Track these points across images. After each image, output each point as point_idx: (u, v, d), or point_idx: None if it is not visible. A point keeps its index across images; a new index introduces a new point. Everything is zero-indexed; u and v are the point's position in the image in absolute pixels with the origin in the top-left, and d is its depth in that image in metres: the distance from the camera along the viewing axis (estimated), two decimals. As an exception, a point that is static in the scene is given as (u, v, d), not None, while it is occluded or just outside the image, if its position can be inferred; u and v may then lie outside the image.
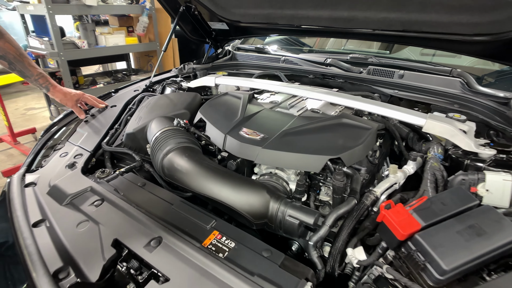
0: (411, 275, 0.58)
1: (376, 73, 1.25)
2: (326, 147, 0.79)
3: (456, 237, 0.55)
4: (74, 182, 0.84)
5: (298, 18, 1.23)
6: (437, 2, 0.88)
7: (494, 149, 0.78)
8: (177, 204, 0.75)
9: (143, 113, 1.09)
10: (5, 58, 0.98)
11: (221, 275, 0.55)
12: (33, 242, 0.64)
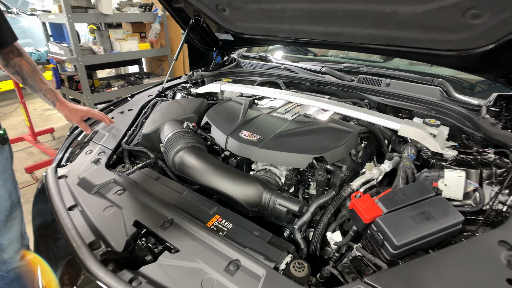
0: (374, 252, 0.71)
1: (365, 82, 1.38)
2: (312, 147, 0.93)
3: (409, 221, 0.68)
4: (99, 175, 1.00)
5: (295, 32, 1.37)
6: (412, 22, 1.01)
7: (457, 150, 0.91)
8: (186, 194, 0.90)
9: (157, 117, 1.24)
10: (20, 74, 1.05)
11: (220, 247, 0.70)
12: (70, 222, 0.79)
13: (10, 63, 1.00)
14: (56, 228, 0.82)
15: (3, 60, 1.00)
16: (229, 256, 0.68)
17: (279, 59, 1.80)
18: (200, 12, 1.55)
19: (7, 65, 1.00)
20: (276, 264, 0.66)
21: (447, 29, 0.97)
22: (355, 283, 0.60)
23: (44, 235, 0.91)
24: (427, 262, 0.62)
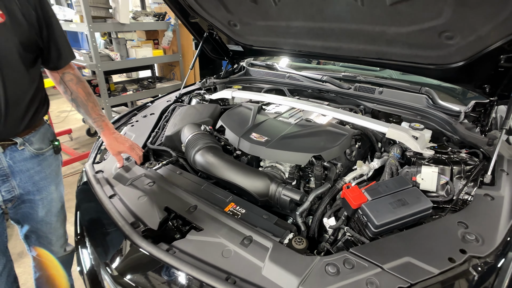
0: (360, 232, 0.88)
1: (361, 90, 1.55)
2: (312, 147, 1.11)
3: (387, 206, 0.85)
4: (131, 170, 1.18)
5: (298, 45, 1.55)
6: (398, 40, 1.18)
7: (434, 150, 1.07)
8: (206, 186, 1.08)
9: (177, 120, 1.43)
10: (75, 102, 1.15)
11: (236, 227, 0.87)
12: (113, 207, 0.97)
13: (68, 90, 1.12)
14: (99, 216, 1.00)
15: (63, 87, 1.12)
16: (243, 233, 0.85)
17: (284, 68, 1.97)
18: (214, 26, 1.74)
19: (66, 92, 1.13)
20: (281, 239, 0.83)
21: (427, 47, 1.14)
22: (343, 252, 0.77)
23: (92, 224, 1.09)
24: (399, 237, 0.79)
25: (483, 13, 0.91)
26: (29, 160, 1.00)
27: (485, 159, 1.03)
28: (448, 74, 1.23)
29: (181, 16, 1.72)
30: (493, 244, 0.74)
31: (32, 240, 1.19)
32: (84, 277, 1.14)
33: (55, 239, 1.21)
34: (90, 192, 1.10)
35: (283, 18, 1.40)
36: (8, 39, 0.83)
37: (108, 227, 0.94)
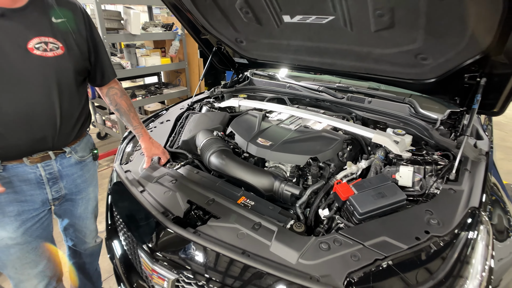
0: (348, 219, 1.08)
1: (353, 99, 1.76)
2: (309, 150, 1.31)
3: (370, 198, 1.05)
4: (156, 170, 1.38)
5: (298, 60, 1.76)
6: (383, 59, 1.39)
7: (412, 153, 1.28)
8: (220, 183, 1.28)
9: (192, 127, 1.63)
10: (119, 111, 1.33)
11: (247, 215, 1.07)
12: (146, 200, 1.18)
13: (113, 102, 1.31)
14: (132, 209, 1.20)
15: (109, 100, 1.31)
16: (253, 220, 1.05)
17: (285, 78, 2.18)
18: (222, 42, 1.95)
19: (111, 104, 1.32)
20: (284, 224, 1.03)
21: (406, 65, 1.35)
22: (333, 233, 0.97)
23: (127, 215, 1.29)
24: (378, 222, 0.99)
25: (447, 42, 1.12)
26: (74, 166, 1.19)
27: (453, 160, 1.24)
28: (424, 87, 1.44)
29: (193, 33, 1.93)
30: (450, 226, 0.95)
31: (70, 232, 1.38)
32: (115, 261, 1.34)
33: (89, 232, 1.41)
34: (123, 189, 1.30)
35: (284, 37, 1.61)
36: (66, 67, 1.03)
37: (141, 217, 1.14)
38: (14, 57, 0.91)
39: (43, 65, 0.96)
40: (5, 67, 0.90)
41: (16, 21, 0.92)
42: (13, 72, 0.92)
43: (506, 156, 3.56)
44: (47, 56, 0.97)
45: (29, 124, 0.98)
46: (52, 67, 0.98)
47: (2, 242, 1.04)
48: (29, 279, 1.13)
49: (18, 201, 1.04)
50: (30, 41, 0.94)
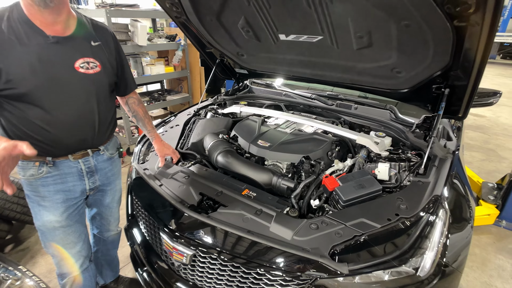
0: (334, 206, 1.30)
1: (341, 106, 1.99)
2: (302, 150, 1.53)
3: (352, 188, 1.27)
4: (169, 168, 1.59)
5: (292, 72, 1.99)
6: (365, 72, 1.62)
7: (389, 152, 1.51)
8: (226, 178, 1.49)
9: (199, 131, 1.85)
10: (136, 117, 1.53)
11: (251, 203, 1.28)
12: (164, 192, 1.39)
13: (131, 109, 1.52)
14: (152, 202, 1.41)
15: (128, 107, 1.52)
16: (255, 207, 1.26)
17: (281, 86, 2.41)
18: (225, 55, 2.17)
19: (130, 110, 1.53)
20: (281, 211, 1.25)
21: (384, 77, 1.58)
22: (321, 216, 1.19)
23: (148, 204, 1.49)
24: (358, 207, 1.21)
25: (416, 59, 1.36)
26: (106, 161, 1.40)
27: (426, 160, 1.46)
28: (400, 96, 1.67)
29: (199, 47, 2.16)
30: (416, 210, 1.17)
31: (97, 220, 1.58)
32: (136, 247, 1.55)
33: (113, 221, 1.61)
34: (143, 184, 1.51)
35: (280, 52, 1.84)
36: (102, 81, 1.24)
37: (161, 205, 1.35)
38: (65, 74, 1.13)
39: (86, 80, 1.18)
40: (59, 82, 1.12)
41: (66, 46, 1.13)
42: (65, 86, 1.13)
43: (488, 157, 3.81)
44: (88, 73, 1.18)
45: (76, 128, 1.19)
46: (92, 81, 1.20)
47: (50, 224, 1.25)
48: (69, 257, 1.33)
49: (63, 191, 1.25)
50: (77, 61, 1.15)
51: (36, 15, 1.06)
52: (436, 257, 1.08)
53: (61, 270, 1.36)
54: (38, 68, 1.07)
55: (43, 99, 1.10)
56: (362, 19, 1.28)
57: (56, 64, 1.11)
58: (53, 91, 1.12)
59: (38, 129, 1.13)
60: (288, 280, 1.06)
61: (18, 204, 2.06)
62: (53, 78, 1.11)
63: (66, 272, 1.36)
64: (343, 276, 1.02)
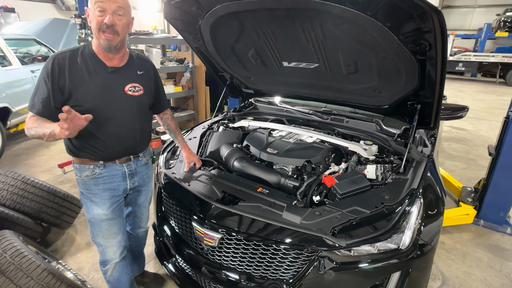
0: (332, 200, 1.61)
1: (335, 120, 2.34)
2: (304, 156, 1.86)
3: (346, 184, 1.59)
4: (194, 172, 1.89)
5: (293, 91, 2.35)
6: (354, 92, 1.98)
7: (376, 156, 1.84)
8: (242, 179, 1.80)
9: (215, 141, 2.17)
10: (169, 130, 1.81)
11: (265, 198, 1.58)
12: (194, 190, 1.68)
13: (165, 123, 1.83)
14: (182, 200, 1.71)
15: (162, 122, 1.83)
16: (269, 200, 1.56)
17: (282, 103, 2.76)
18: (234, 77, 2.53)
19: (164, 124, 1.83)
20: (290, 203, 1.56)
21: (369, 96, 1.95)
22: (323, 206, 1.50)
23: (180, 201, 1.78)
24: (352, 198, 1.52)
25: (393, 82, 1.72)
26: (143, 166, 1.69)
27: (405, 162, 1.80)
28: (383, 111, 2.03)
29: (213, 71, 2.52)
30: (397, 199, 1.49)
31: (130, 218, 1.86)
32: (166, 241, 1.82)
33: (144, 218, 1.89)
34: (172, 185, 1.81)
35: (283, 76, 2.20)
36: (144, 102, 1.56)
37: (191, 201, 1.64)
38: (117, 96, 1.45)
39: (132, 100, 1.50)
40: (113, 102, 1.43)
41: (120, 74, 1.46)
42: (117, 105, 1.45)
43: (469, 166, 4.18)
44: (134, 95, 1.51)
45: (123, 138, 1.50)
46: (137, 102, 1.52)
47: (99, 217, 1.52)
48: (111, 246, 1.59)
49: (110, 189, 1.53)
50: (126, 86, 1.48)
51: (101, 53, 1.40)
52: (413, 235, 1.40)
53: (104, 258, 1.62)
54: (98, 92, 1.40)
55: (100, 115, 1.41)
56: (349, 52, 1.65)
57: (111, 88, 1.44)
58: (108, 109, 1.43)
59: (95, 138, 1.44)
60: (299, 253, 1.36)
61: (52, 208, 2.31)
62: (108, 99, 1.43)
63: (108, 259, 1.62)
64: (342, 248, 1.32)
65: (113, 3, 1.30)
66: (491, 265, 2.31)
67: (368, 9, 1.27)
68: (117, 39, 1.36)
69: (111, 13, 1.31)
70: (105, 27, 1.31)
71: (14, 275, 1.31)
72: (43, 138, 1.24)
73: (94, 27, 1.32)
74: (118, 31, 1.34)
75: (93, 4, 1.29)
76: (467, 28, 18.65)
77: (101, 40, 1.34)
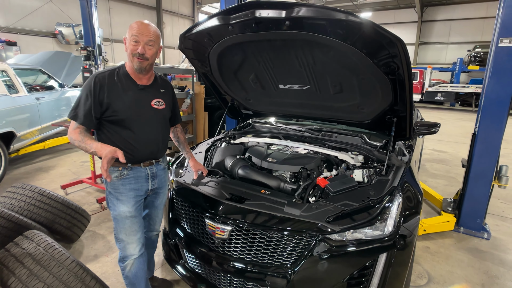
0: (325, 197, 1.86)
1: (325, 135, 2.65)
2: (300, 163, 2.13)
3: (338, 184, 1.85)
4: (202, 179, 2.12)
5: (287, 111, 2.67)
6: (340, 110, 2.32)
7: (362, 163, 2.13)
8: (246, 184, 2.04)
9: (220, 154, 2.42)
10: (178, 142, 2.04)
11: (268, 197, 1.82)
12: (205, 191, 1.91)
13: (175, 136, 2.10)
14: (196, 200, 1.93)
15: (173, 134, 2.09)
16: (272, 199, 1.80)
17: (277, 123, 3.08)
18: (235, 99, 2.85)
19: (174, 137, 2.10)
20: (290, 200, 1.79)
21: (353, 112, 2.28)
22: (318, 201, 1.74)
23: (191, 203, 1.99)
24: (343, 195, 1.78)
25: (372, 99, 2.06)
26: (161, 170, 1.92)
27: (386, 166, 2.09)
28: (366, 126, 2.36)
29: (216, 93, 2.84)
30: (380, 194, 1.75)
31: (146, 220, 2.03)
32: (178, 242, 2.01)
33: (158, 221, 2.07)
34: (183, 190, 2.03)
35: (279, 97, 2.53)
36: (165, 115, 1.83)
37: (202, 201, 1.86)
38: (145, 109, 1.72)
39: (156, 113, 1.77)
40: (142, 114, 1.70)
41: (147, 91, 1.75)
42: (145, 117, 1.71)
43: (450, 183, 4.51)
44: (158, 108, 1.78)
45: (148, 144, 1.75)
46: (160, 114, 1.79)
47: (123, 214, 1.72)
48: (132, 242, 1.76)
49: (135, 189, 1.75)
50: (152, 101, 1.76)
51: (133, 73, 1.70)
52: (395, 223, 1.65)
53: (124, 254, 1.79)
54: (131, 104, 1.67)
55: (132, 124, 1.67)
56: (335, 74, 2.00)
57: (141, 102, 1.71)
58: (138, 119, 1.70)
59: (126, 144, 1.68)
60: (299, 239, 1.58)
61: (65, 220, 2.46)
62: (138, 111, 1.70)
63: (128, 254, 1.78)
64: (335, 233, 1.56)
65: (146, 36, 1.61)
66: (471, 265, 2.54)
67: (348, 39, 1.62)
68: (146, 63, 1.66)
69: (143, 45, 1.61)
70: (138, 55, 1.62)
71: (48, 264, 1.47)
72: (84, 149, 1.54)
73: (129, 53, 1.63)
74: (147, 58, 1.65)
75: (130, 36, 1.61)
76: (442, 62, 20.19)
77: (134, 63, 1.64)
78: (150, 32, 1.62)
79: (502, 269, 2.50)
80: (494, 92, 2.74)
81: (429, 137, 7.96)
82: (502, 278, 2.38)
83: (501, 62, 2.65)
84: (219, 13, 1.87)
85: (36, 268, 1.42)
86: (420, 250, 2.73)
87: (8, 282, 1.35)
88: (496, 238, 2.98)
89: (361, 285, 1.60)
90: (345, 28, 1.57)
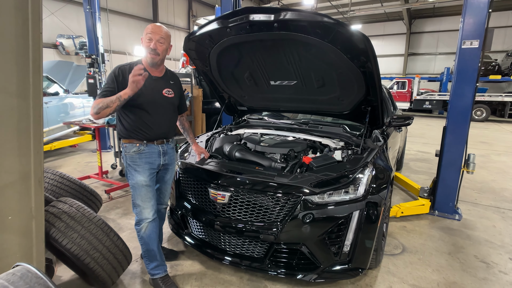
0: (310, 171, 2.20)
1: (311, 127, 3.01)
2: (289, 146, 2.48)
3: (320, 160, 2.20)
4: (204, 161, 2.45)
5: (278, 106, 3.04)
6: (323, 102, 2.68)
7: (342, 147, 2.48)
8: (243, 164, 2.37)
9: (219, 142, 2.76)
10: (184, 129, 2.36)
11: (262, 173, 2.16)
12: (208, 167, 2.24)
13: (181, 123, 2.44)
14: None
15: (179, 122, 2.42)
16: (265, 172, 2.14)
17: (270, 119, 3.43)
18: (232, 96, 3.21)
19: (180, 124, 2.44)
20: (280, 172, 2.13)
21: (334, 104, 2.65)
22: (304, 173, 2.08)
23: (197, 178, 2.31)
24: (323, 168, 2.12)
25: (349, 91, 2.43)
26: (170, 149, 2.24)
27: (362, 148, 2.44)
28: (346, 116, 2.73)
29: (214, 91, 3.20)
30: (355, 166, 2.09)
31: (157, 193, 2.34)
32: (186, 211, 2.32)
33: (167, 195, 2.38)
34: (190, 168, 2.36)
35: (271, 92, 2.89)
36: (174, 102, 2.18)
37: (206, 175, 2.19)
38: (158, 97, 2.06)
39: (167, 100, 2.11)
40: (155, 100, 2.04)
41: (159, 82, 2.09)
42: (158, 103, 2.05)
43: (430, 177, 4.84)
44: (168, 96, 2.13)
45: (161, 125, 2.08)
46: (170, 102, 2.14)
47: (140, 183, 2.03)
48: (147, 208, 2.06)
49: (149, 163, 2.06)
50: (163, 90, 2.10)
51: (148, 67, 2.05)
52: (366, 188, 1.99)
53: (140, 217, 2.08)
54: (146, 91, 2.01)
55: (148, 108, 2.01)
56: (317, 70, 2.37)
57: (154, 90, 2.06)
58: (153, 104, 2.04)
59: (144, 124, 2.02)
60: (286, 199, 1.91)
61: (82, 200, 2.75)
62: (152, 97, 2.04)
63: (143, 218, 2.08)
64: (317, 194, 1.89)
65: (158, 35, 1.98)
66: (441, 239, 2.87)
67: (325, 37, 2.00)
68: (158, 58, 2.01)
69: (155, 41, 1.97)
70: (150, 50, 1.97)
71: (80, 220, 1.77)
72: (109, 105, 1.80)
73: (145, 49, 1.98)
74: (159, 53, 2.00)
75: (145, 35, 1.97)
76: (431, 72, 20.95)
77: (148, 58, 1.99)
78: (162, 31, 1.98)
79: (468, 241, 2.83)
80: (460, 88, 3.15)
81: (415, 140, 8.40)
82: (467, 248, 2.71)
83: (464, 61, 3.07)
84: (219, 17, 2.25)
85: (71, 222, 1.72)
86: (397, 228, 3.06)
87: (50, 232, 1.65)
88: (466, 220, 3.32)
89: (338, 238, 1.93)
90: (322, 28, 1.95)
